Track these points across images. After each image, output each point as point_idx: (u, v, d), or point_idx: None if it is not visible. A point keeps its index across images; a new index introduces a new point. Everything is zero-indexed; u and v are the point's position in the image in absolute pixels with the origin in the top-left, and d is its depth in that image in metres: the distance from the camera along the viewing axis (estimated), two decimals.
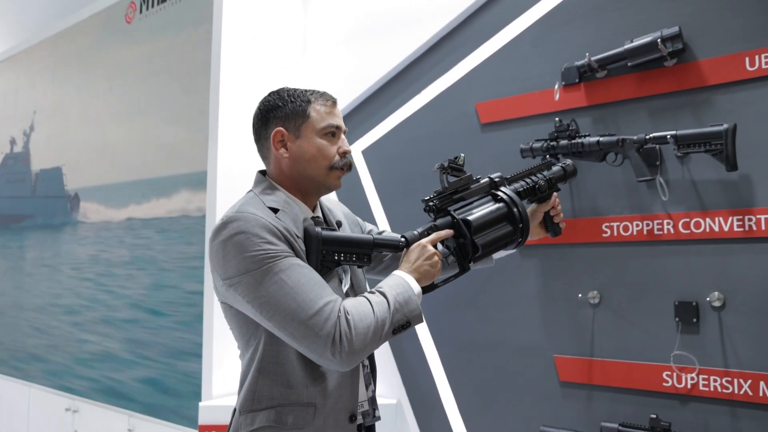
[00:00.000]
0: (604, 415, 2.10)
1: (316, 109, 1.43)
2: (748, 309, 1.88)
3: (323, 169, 1.42)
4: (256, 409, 1.31)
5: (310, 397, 1.31)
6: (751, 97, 1.91)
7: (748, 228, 1.89)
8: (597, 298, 2.15)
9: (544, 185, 1.69)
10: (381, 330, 1.25)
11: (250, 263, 1.25)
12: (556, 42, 2.31)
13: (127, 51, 3.48)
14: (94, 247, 3.64)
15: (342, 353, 1.21)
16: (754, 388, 1.84)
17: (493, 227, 1.47)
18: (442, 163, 1.54)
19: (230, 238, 1.27)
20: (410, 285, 1.33)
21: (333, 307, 1.23)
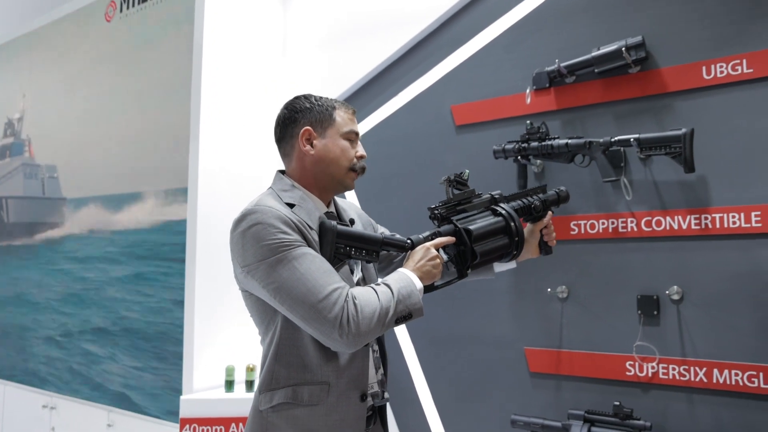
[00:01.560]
0: (571, 403, 2.21)
1: (341, 114, 1.56)
2: (704, 302, 2.01)
3: (344, 168, 1.53)
4: (275, 388, 1.42)
5: (323, 376, 1.41)
6: (708, 103, 2.04)
7: (704, 226, 2.02)
8: (565, 293, 2.27)
9: (539, 206, 1.78)
10: (385, 316, 1.35)
11: (266, 251, 1.35)
12: (528, 48, 2.41)
13: (107, 50, 3.50)
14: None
15: (349, 335, 1.31)
16: (709, 376, 1.97)
17: (492, 238, 1.58)
18: (448, 176, 1.65)
19: (248, 229, 1.38)
20: (413, 281, 1.43)
21: (341, 293, 1.33)
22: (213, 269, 2.82)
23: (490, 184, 2.42)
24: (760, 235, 1.93)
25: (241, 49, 3.04)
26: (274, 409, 1.41)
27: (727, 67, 2.01)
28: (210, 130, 2.86)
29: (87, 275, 3.53)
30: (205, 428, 2.60)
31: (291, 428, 1.40)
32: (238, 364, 2.79)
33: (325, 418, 1.40)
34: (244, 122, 3.03)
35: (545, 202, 1.79)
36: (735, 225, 1.97)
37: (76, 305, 3.58)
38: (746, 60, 1.97)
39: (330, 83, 2.95)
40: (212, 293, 2.81)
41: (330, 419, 1.40)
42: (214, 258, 2.83)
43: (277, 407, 1.41)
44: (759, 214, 1.93)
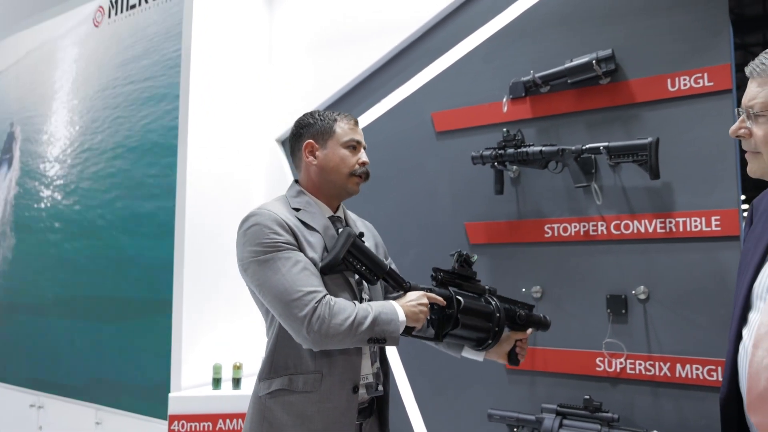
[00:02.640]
0: (544, 397, 2.32)
1: (341, 126, 1.70)
2: (669, 301, 2.14)
3: (344, 175, 1.67)
4: (273, 377, 1.55)
5: (317, 366, 1.53)
6: (672, 114, 2.17)
7: (669, 229, 2.14)
8: (539, 293, 2.38)
9: (524, 317, 1.83)
10: (356, 329, 1.45)
11: (258, 250, 1.50)
12: (505, 59, 2.52)
13: (95, 55, 3.55)
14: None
15: (315, 334, 1.42)
16: (672, 370, 2.10)
17: (476, 317, 1.66)
18: (459, 252, 1.73)
19: (248, 229, 1.54)
20: (398, 313, 1.53)
21: (315, 296, 1.44)
22: (200, 269, 2.90)
23: (469, 189, 2.55)
24: (720, 238, 2.06)
25: (228, 55, 3.12)
26: (271, 395, 1.53)
27: (690, 80, 2.13)
28: (198, 134, 2.93)
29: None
30: (193, 425, 2.68)
31: (285, 413, 1.52)
32: (225, 362, 2.87)
33: (317, 405, 1.52)
34: (231, 126, 3.11)
35: (530, 317, 1.84)
36: (697, 229, 2.09)
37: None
38: (707, 74, 2.10)
39: (314, 90, 3.05)
40: (199, 292, 2.89)
41: (322, 406, 1.52)
42: (202, 258, 2.90)
43: (274, 393, 1.53)
44: (719, 218, 2.06)
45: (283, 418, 1.52)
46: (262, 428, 1.54)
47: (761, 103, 1.19)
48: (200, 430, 2.67)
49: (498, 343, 1.75)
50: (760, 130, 1.21)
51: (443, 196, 2.63)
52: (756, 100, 1.20)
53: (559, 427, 2.14)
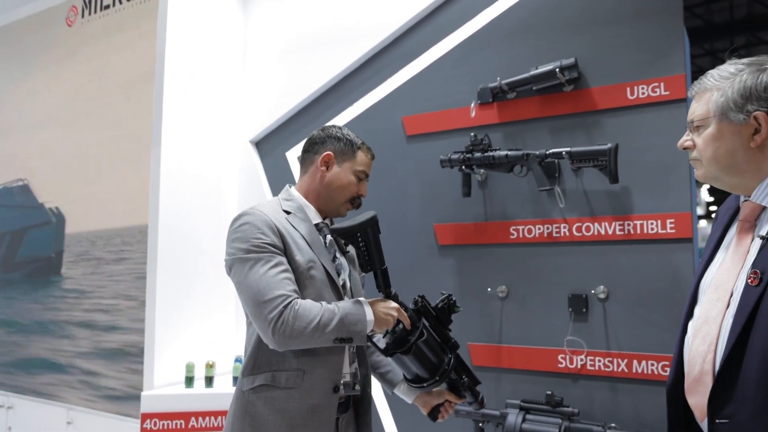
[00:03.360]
0: (509, 393, 2.41)
1: (361, 155, 1.80)
2: (627, 300, 2.24)
3: (343, 198, 1.77)
4: (257, 373, 1.61)
5: (300, 364, 1.59)
6: (631, 121, 2.27)
7: (627, 231, 2.24)
8: (505, 292, 2.46)
9: (466, 385, 1.84)
10: (321, 330, 1.51)
11: (243, 248, 1.57)
12: (473, 65, 2.60)
13: (68, 55, 3.54)
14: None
15: (279, 336, 1.49)
16: (629, 366, 2.20)
17: (428, 356, 1.68)
18: (450, 296, 1.79)
19: (238, 227, 1.61)
20: (366, 313, 1.59)
21: (284, 300, 1.50)
22: (173, 269, 2.92)
23: (438, 192, 2.62)
24: (674, 240, 2.16)
25: (203, 57, 3.15)
26: (254, 391, 1.59)
27: (647, 89, 2.23)
28: (172, 137, 2.96)
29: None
30: (165, 422, 2.71)
31: (268, 408, 1.58)
32: (197, 360, 2.90)
33: (299, 401, 1.58)
34: (205, 127, 3.14)
35: (471, 388, 1.84)
36: (653, 231, 2.19)
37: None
38: (664, 83, 2.20)
39: (288, 93, 3.09)
40: (172, 292, 2.91)
41: (303, 402, 1.58)
42: (176, 258, 2.93)
43: (257, 389, 1.59)
44: (673, 221, 2.16)
45: (264, 413, 1.58)
46: (244, 422, 1.59)
47: (699, 115, 1.31)
48: (173, 427, 2.70)
49: (430, 393, 1.82)
50: (699, 140, 1.32)
51: (413, 198, 2.70)
52: (695, 113, 1.33)
53: (522, 422, 2.21)
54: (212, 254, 3.11)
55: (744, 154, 1.26)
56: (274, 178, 3.18)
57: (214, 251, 3.12)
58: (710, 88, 1.30)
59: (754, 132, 1.25)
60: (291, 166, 3.11)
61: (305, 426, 1.58)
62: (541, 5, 2.47)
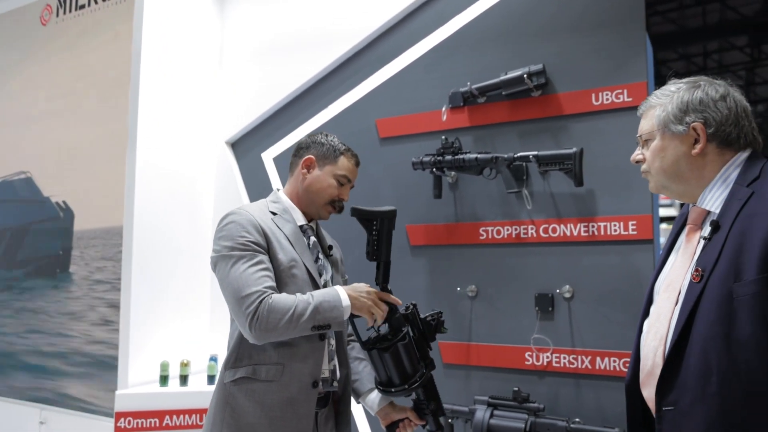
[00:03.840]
0: (478, 390, 2.47)
1: (344, 160, 1.87)
2: (591, 299, 2.31)
3: (323, 201, 1.84)
4: (238, 366, 1.68)
5: (280, 358, 1.66)
6: (596, 126, 2.34)
7: (592, 233, 2.31)
8: (474, 291, 2.53)
9: (431, 410, 1.83)
10: (297, 320, 1.56)
11: (228, 245, 1.64)
12: (445, 70, 2.66)
13: (42, 54, 3.53)
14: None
15: (256, 329, 1.55)
16: (593, 363, 2.27)
17: (405, 363, 1.71)
18: (441, 313, 1.84)
19: (225, 226, 1.69)
20: (341, 298, 1.64)
21: (260, 296, 1.56)
22: (148, 268, 2.94)
23: (410, 193, 2.68)
24: (636, 241, 2.24)
25: (179, 58, 3.16)
26: (235, 383, 1.66)
27: (611, 95, 2.31)
28: (148, 137, 2.97)
29: None
30: (139, 421, 2.72)
31: (248, 400, 1.64)
32: (172, 359, 2.92)
33: (278, 394, 1.65)
34: (181, 128, 3.16)
35: (435, 414, 1.85)
36: (616, 232, 2.27)
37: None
38: (627, 90, 2.28)
39: (264, 95, 3.13)
40: (147, 292, 2.93)
41: (282, 395, 1.65)
42: (150, 258, 2.94)
43: (238, 381, 1.66)
44: (635, 223, 2.24)
45: (245, 405, 1.64)
46: (225, 413, 1.66)
47: (645, 130, 1.45)
48: (147, 426, 2.72)
49: (393, 406, 1.87)
50: (648, 153, 1.44)
51: (386, 199, 2.75)
52: (643, 129, 1.46)
53: (489, 418, 2.27)
54: (188, 254, 3.14)
55: (687, 163, 1.37)
56: (250, 178, 3.21)
57: (189, 251, 3.15)
58: (654, 105, 1.43)
59: (694, 142, 1.36)
60: (267, 167, 3.14)
61: (283, 418, 1.65)
62: (511, 13, 2.53)
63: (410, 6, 2.75)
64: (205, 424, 1.72)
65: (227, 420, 1.65)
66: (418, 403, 1.86)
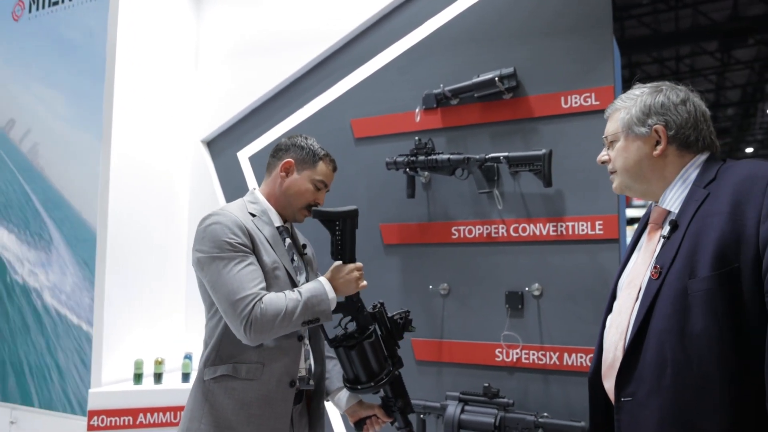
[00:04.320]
0: (449, 385, 2.52)
1: (322, 165, 1.89)
2: (559, 297, 2.37)
3: (299, 205, 1.86)
4: (219, 363, 1.69)
5: (260, 357, 1.68)
6: (565, 128, 2.41)
7: (560, 232, 2.38)
8: (446, 290, 2.58)
9: (398, 407, 1.87)
10: (290, 318, 1.60)
11: (216, 247, 1.64)
12: (419, 72, 2.71)
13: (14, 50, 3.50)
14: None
15: (251, 332, 1.57)
16: (561, 359, 2.34)
17: (371, 360, 1.74)
18: (408, 312, 1.89)
19: (209, 226, 1.68)
20: (326, 291, 1.68)
21: (254, 298, 1.58)
22: (122, 266, 2.93)
23: (383, 193, 2.72)
24: (602, 240, 2.31)
25: (154, 57, 3.16)
26: (215, 380, 1.68)
27: (580, 99, 2.38)
28: (122, 135, 2.96)
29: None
30: (113, 419, 2.72)
31: (227, 397, 1.67)
32: (146, 357, 2.92)
33: (257, 392, 1.67)
34: (156, 127, 3.16)
35: (403, 411, 1.88)
36: (583, 232, 2.34)
37: None
38: (594, 94, 2.35)
39: (240, 94, 3.14)
40: (121, 290, 2.92)
41: (261, 393, 1.67)
42: (125, 256, 2.94)
43: (218, 378, 1.68)
44: (602, 223, 2.30)
45: (224, 402, 1.67)
46: (204, 409, 1.68)
47: (611, 132, 1.52)
48: (120, 424, 2.72)
49: (361, 404, 1.90)
50: (613, 153, 1.51)
51: (360, 198, 2.79)
52: (608, 131, 1.53)
53: (460, 413, 2.32)
54: (162, 252, 3.14)
55: (649, 163, 1.44)
56: (226, 177, 3.22)
57: (164, 249, 3.15)
58: (619, 108, 1.50)
59: (656, 143, 1.42)
60: (242, 167, 3.16)
61: (262, 416, 1.67)
62: (484, 17, 2.59)
63: (385, 9, 2.79)
64: (183, 419, 1.73)
65: (206, 416, 1.67)
66: (385, 400, 1.88)
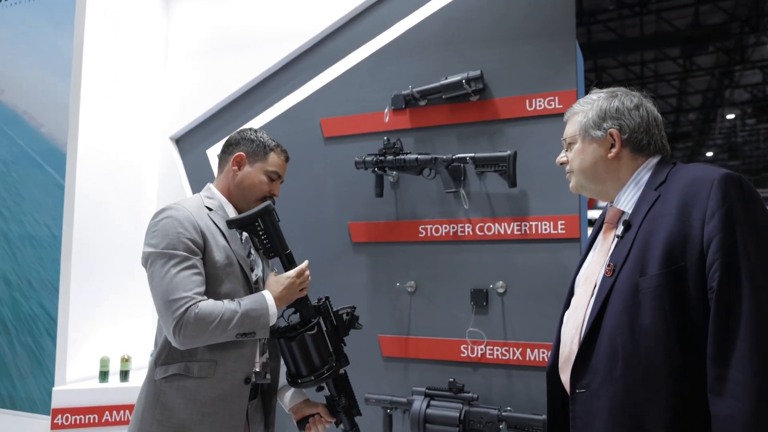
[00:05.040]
0: (416, 381, 2.57)
1: (274, 156, 1.89)
2: (523, 294, 2.44)
3: (254, 197, 1.85)
4: (170, 362, 1.66)
5: (212, 355, 1.66)
6: (529, 130, 2.47)
7: (524, 231, 2.44)
8: (413, 287, 2.62)
9: (341, 406, 1.87)
10: (222, 329, 1.59)
11: (161, 242, 1.63)
12: (388, 73, 2.75)
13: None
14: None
15: (180, 337, 1.56)
16: (524, 354, 2.40)
17: (312, 353, 1.72)
18: (354, 309, 1.90)
19: (160, 221, 1.67)
20: (268, 306, 1.68)
21: (188, 302, 1.57)
22: (89, 263, 2.91)
23: (352, 192, 2.76)
24: (564, 239, 2.38)
25: (123, 53, 3.15)
26: (166, 380, 1.65)
27: (544, 102, 2.45)
28: (89, 132, 2.94)
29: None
30: (77, 417, 2.71)
31: (180, 397, 1.64)
32: (112, 355, 2.90)
33: (211, 391, 1.65)
34: (124, 124, 3.15)
35: (348, 412, 1.88)
36: (546, 231, 2.41)
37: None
38: (558, 97, 2.42)
39: (210, 92, 3.14)
40: (87, 287, 2.90)
41: (214, 392, 1.66)
42: (91, 253, 2.92)
43: (169, 378, 1.65)
44: (564, 223, 2.38)
45: (176, 401, 1.63)
46: (155, 410, 1.64)
47: (569, 134, 1.59)
48: (85, 422, 2.71)
49: (306, 402, 1.91)
50: (571, 155, 1.57)
51: (329, 197, 2.82)
52: (567, 133, 1.60)
53: (426, 407, 2.37)
54: (129, 249, 3.12)
55: (604, 165, 1.51)
56: (195, 175, 3.22)
57: (131, 246, 3.13)
58: (577, 112, 1.57)
59: (610, 146, 1.49)
60: (211, 164, 3.16)
61: (216, 414, 1.65)
62: (452, 20, 2.64)
63: (355, 10, 2.83)
64: (132, 422, 1.70)
65: (158, 417, 1.64)
66: (330, 399, 1.88)
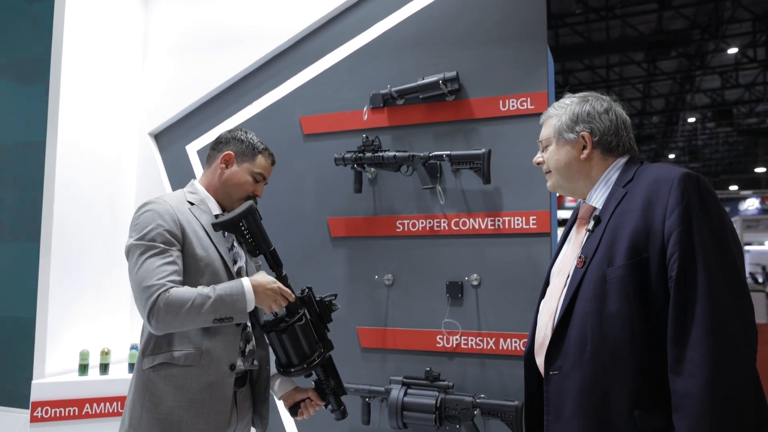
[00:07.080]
0: (393, 371, 2.66)
1: (261, 159, 1.95)
2: (496, 286, 2.55)
3: (238, 196, 1.91)
4: (157, 352, 1.71)
5: (197, 344, 1.71)
6: (503, 130, 2.58)
7: (497, 226, 2.55)
8: (391, 280, 2.71)
9: (331, 387, 1.93)
10: (195, 313, 1.61)
11: (141, 234, 1.69)
12: (367, 72, 2.83)
13: None
14: None
15: (153, 321, 1.62)
16: (497, 344, 2.51)
17: (302, 343, 1.78)
18: (334, 297, 1.94)
19: (142, 214, 1.74)
20: (245, 292, 1.71)
21: (159, 288, 1.61)
22: (68, 258, 2.92)
23: (331, 188, 2.83)
24: (536, 234, 2.50)
25: (101, 50, 3.15)
26: (154, 369, 1.71)
27: (516, 103, 2.56)
28: (68, 127, 2.95)
29: None
30: (57, 410, 2.71)
31: (167, 385, 1.69)
32: (92, 348, 2.92)
33: (197, 378, 1.71)
34: (103, 119, 3.16)
35: (335, 392, 1.94)
36: (519, 226, 2.52)
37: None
38: (530, 98, 2.53)
39: (189, 89, 3.18)
40: (66, 281, 2.91)
41: (201, 380, 1.71)
42: (71, 247, 2.93)
43: (156, 367, 1.70)
44: (535, 218, 2.49)
45: (164, 389, 1.69)
46: (144, 398, 1.70)
47: (544, 137, 1.69)
48: (65, 415, 2.71)
49: (295, 388, 1.97)
50: (546, 155, 1.68)
51: (308, 193, 2.89)
52: (542, 136, 1.70)
53: (404, 396, 2.46)
54: (108, 243, 3.14)
55: (577, 165, 1.62)
56: (174, 170, 3.25)
57: (110, 241, 3.15)
58: (552, 116, 1.67)
59: (582, 147, 1.60)
60: (191, 160, 3.20)
61: (202, 401, 1.70)
62: (429, 23, 2.74)
63: (335, 10, 2.90)
64: (125, 411, 1.75)
65: (147, 405, 1.69)
66: (318, 383, 1.95)
